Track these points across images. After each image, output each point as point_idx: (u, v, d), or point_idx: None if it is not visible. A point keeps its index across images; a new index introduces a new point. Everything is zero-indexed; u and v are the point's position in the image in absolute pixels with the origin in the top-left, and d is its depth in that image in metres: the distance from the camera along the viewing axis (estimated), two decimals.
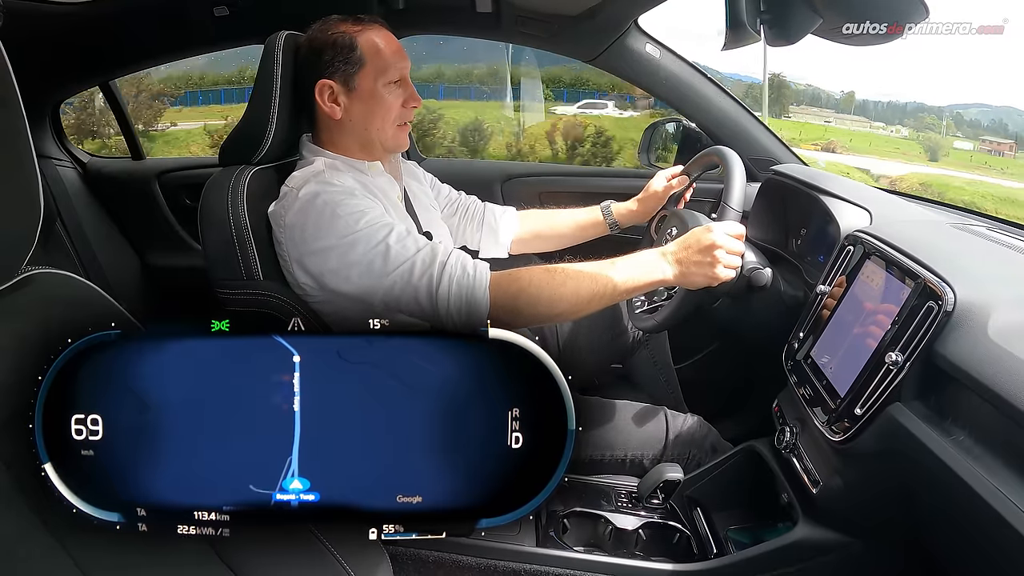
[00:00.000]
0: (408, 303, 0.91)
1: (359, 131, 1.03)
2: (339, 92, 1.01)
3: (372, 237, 0.90)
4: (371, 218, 0.92)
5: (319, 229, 0.91)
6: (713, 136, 1.57)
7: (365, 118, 1.02)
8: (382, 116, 1.02)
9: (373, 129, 1.02)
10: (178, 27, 1.52)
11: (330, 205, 0.91)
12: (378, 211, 0.94)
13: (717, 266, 0.91)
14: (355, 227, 0.90)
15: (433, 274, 0.90)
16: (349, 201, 0.92)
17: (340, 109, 1.02)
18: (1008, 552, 0.57)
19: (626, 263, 0.93)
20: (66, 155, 1.86)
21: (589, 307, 0.92)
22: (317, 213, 0.91)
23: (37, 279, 0.57)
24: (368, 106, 1.01)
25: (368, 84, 1.00)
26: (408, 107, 1.04)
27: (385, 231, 0.91)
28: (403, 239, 0.92)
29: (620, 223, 1.29)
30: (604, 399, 1.21)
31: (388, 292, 0.91)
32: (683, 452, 1.14)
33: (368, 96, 1.01)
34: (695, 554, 0.96)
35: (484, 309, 0.89)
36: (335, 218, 0.91)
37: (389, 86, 1.01)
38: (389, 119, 1.03)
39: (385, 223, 0.92)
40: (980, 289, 0.71)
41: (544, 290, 0.90)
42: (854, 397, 0.78)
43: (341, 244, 0.90)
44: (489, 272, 0.91)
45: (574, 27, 1.45)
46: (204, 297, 1.00)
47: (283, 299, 0.96)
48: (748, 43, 0.97)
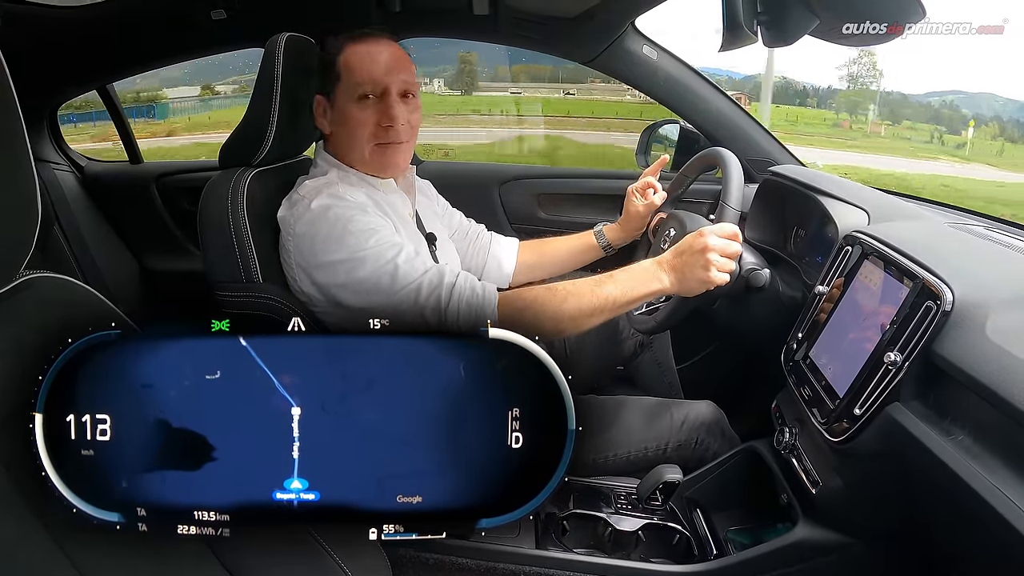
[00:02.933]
0: (414, 322, 0.92)
1: (345, 147, 1.03)
2: (326, 107, 1.02)
3: (381, 256, 0.90)
4: (381, 236, 0.92)
5: (329, 243, 0.91)
6: (711, 137, 1.58)
7: (342, 136, 1.02)
8: (352, 135, 1.00)
9: (352, 147, 1.01)
10: (176, 30, 1.52)
11: (342, 220, 0.91)
12: (388, 230, 0.94)
13: (711, 270, 0.91)
14: (365, 244, 0.90)
15: (441, 295, 0.90)
16: (360, 218, 0.92)
17: (327, 123, 1.03)
18: (1007, 551, 0.57)
19: (624, 276, 0.93)
20: (64, 159, 1.86)
21: (590, 322, 0.92)
22: (329, 226, 0.91)
23: (35, 283, 0.57)
24: (343, 125, 1.00)
25: (342, 101, 0.99)
26: (383, 126, 0.99)
27: (394, 251, 0.91)
28: (411, 260, 0.92)
29: (614, 245, 1.30)
30: (608, 396, 1.21)
31: (394, 310, 0.91)
32: (690, 437, 1.14)
33: (341, 114, 1.00)
34: (695, 555, 0.96)
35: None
36: (346, 234, 0.91)
37: (362, 102, 0.98)
38: (361, 137, 0.99)
39: (395, 242, 0.92)
40: (978, 289, 0.71)
41: (547, 309, 0.90)
42: (853, 397, 0.79)
43: (350, 260, 0.91)
44: (497, 293, 0.92)
45: (571, 29, 1.45)
46: (203, 300, 1.00)
47: (282, 302, 0.96)
48: (745, 44, 0.97)
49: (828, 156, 6.59)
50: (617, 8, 1.37)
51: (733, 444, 1.16)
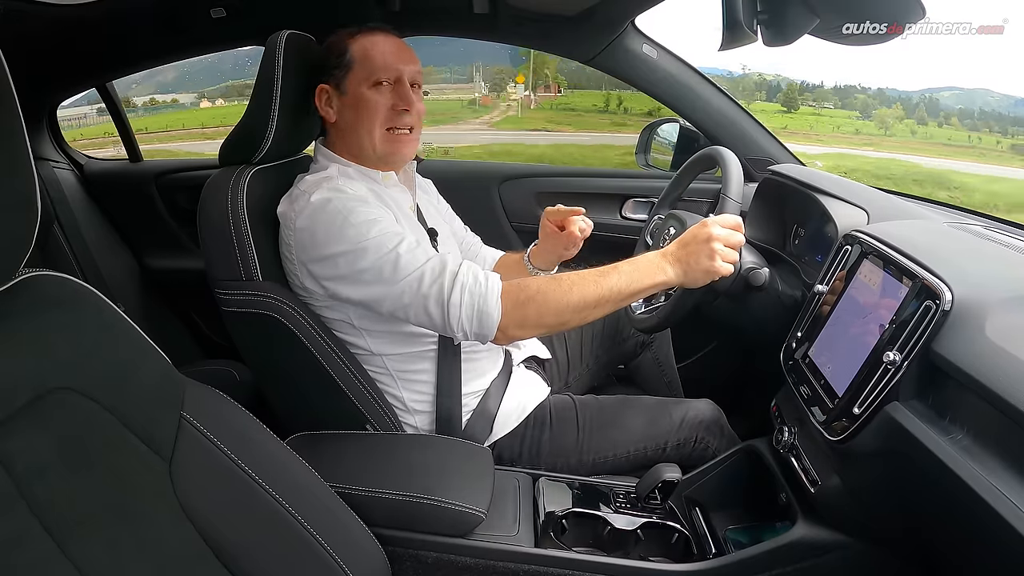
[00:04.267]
0: (417, 312, 0.92)
1: (351, 136, 1.03)
2: (333, 96, 1.03)
3: (383, 246, 0.91)
4: (383, 227, 0.92)
5: (330, 235, 0.91)
6: (710, 136, 1.58)
7: (353, 122, 1.02)
8: (368, 119, 1.01)
9: (363, 133, 1.02)
10: (176, 28, 1.51)
11: (342, 212, 0.91)
12: (389, 220, 0.95)
13: (716, 260, 0.91)
14: (366, 235, 0.91)
15: (444, 284, 0.90)
16: (361, 209, 0.93)
17: (333, 112, 1.03)
18: (1006, 550, 0.57)
19: (629, 268, 0.93)
20: (63, 157, 1.86)
21: (595, 314, 0.92)
22: (329, 219, 0.92)
23: (34, 282, 0.57)
24: (355, 110, 1.02)
25: (355, 87, 1.01)
26: (397, 110, 1.02)
27: (396, 240, 0.91)
28: (413, 249, 0.92)
29: (542, 269, 1.24)
30: (608, 396, 1.21)
31: (396, 300, 0.92)
32: (690, 435, 1.14)
33: (355, 99, 1.01)
34: (694, 554, 0.96)
35: (495, 319, 0.90)
36: (347, 225, 0.91)
37: (377, 87, 1.01)
38: (376, 122, 1.01)
39: (396, 232, 0.93)
40: (978, 288, 0.71)
41: (551, 298, 0.90)
42: (852, 396, 0.79)
43: (352, 251, 0.91)
44: (500, 282, 0.92)
45: (571, 28, 1.45)
46: (202, 299, 1.00)
47: (282, 300, 0.96)
48: (745, 43, 0.97)
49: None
50: (616, 7, 1.37)
51: (732, 443, 1.16)
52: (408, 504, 0.89)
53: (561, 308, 0.90)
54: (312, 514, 0.69)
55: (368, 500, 0.88)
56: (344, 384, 1.00)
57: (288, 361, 0.99)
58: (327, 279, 0.94)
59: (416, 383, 1.07)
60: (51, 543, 0.52)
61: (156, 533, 0.59)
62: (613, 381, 1.48)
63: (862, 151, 8.23)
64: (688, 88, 1.55)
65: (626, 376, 1.47)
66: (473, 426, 1.09)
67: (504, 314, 0.90)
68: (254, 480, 0.66)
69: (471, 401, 1.10)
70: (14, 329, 0.53)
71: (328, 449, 0.98)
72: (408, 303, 0.91)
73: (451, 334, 0.93)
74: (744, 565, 0.90)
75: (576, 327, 1.04)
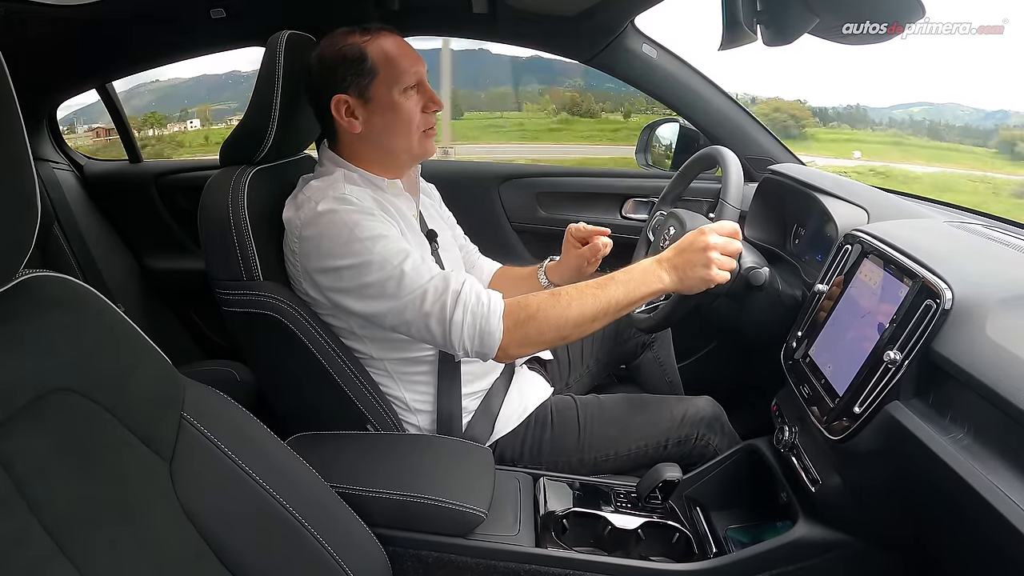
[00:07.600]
0: (419, 329, 0.92)
1: (381, 143, 1.02)
2: (355, 105, 0.99)
3: (388, 262, 0.90)
4: (388, 242, 0.92)
5: (335, 248, 0.91)
6: (710, 136, 1.58)
7: (386, 129, 1.00)
8: (404, 125, 1.00)
9: (397, 139, 1.01)
10: (175, 29, 1.52)
11: (348, 225, 0.91)
12: (394, 235, 0.94)
13: (712, 268, 0.91)
14: (372, 249, 0.90)
15: (446, 302, 0.90)
16: (367, 222, 0.92)
17: (359, 123, 1.00)
18: (1006, 549, 0.57)
19: (625, 277, 0.93)
20: (63, 158, 1.86)
21: (593, 327, 0.93)
22: (335, 231, 0.91)
23: (34, 282, 0.57)
24: (387, 117, 0.99)
25: (383, 94, 0.98)
26: (429, 111, 1.02)
27: (401, 256, 0.91)
28: (418, 266, 0.92)
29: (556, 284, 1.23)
30: (609, 396, 1.21)
31: (399, 316, 0.92)
32: (691, 433, 1.14)
33: (386, 106, 0.99)
34: (695, 553, 0.96)
35: (497, 339, 0.90)
36: (353, 239, 0.91)
37: (406, 92, 0.99)
38: (412, 127, 1.00)
39: (401, 248, 0.92)
40: (978, 287, 0.71)
41: (552, 315, 0.90)
42: (853, 396, 0.79)
43: (356, 265, 0.91)
44: (502, 302, 0.92)
45: (571, 28, 1.45)
46: (202, 299, 1.00)
47: (282, 300, 0.96)
48: (745, 43, 0.97)
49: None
50: (616, 7, 1.37)
51: (733, 441, 1.16)
52: (409, 504, 0.89)
53: (561, 324, 0.91)
54: (312, 514, 0.69)
55: (369, 500, 0.88)
56: (345, 384, 1.00)
57: (288, 361, 0.99)
58: (330, 290, 0.94)
59: (417, 384, 1.07)
60: (51, 543, 0.52)
61: (156, 533, 0.59)
62: (614, 381, 1.48)
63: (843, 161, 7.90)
64: (688, 88, 1.55)
65: (627, 376, 1.47)
66: (475, 426, 1.09)
67: (505, 333, 0.90)
68: (255, 480, 0.66)
69: (473, 402, 1.10)
70: (14, 330, 0.53)
71: (329, 449, 0.98)
72: (410, 320, 0.92)
73: (452, 351, 0.93)
74: (745, 564, 0.90)
75: (576, 341, 1.04)
